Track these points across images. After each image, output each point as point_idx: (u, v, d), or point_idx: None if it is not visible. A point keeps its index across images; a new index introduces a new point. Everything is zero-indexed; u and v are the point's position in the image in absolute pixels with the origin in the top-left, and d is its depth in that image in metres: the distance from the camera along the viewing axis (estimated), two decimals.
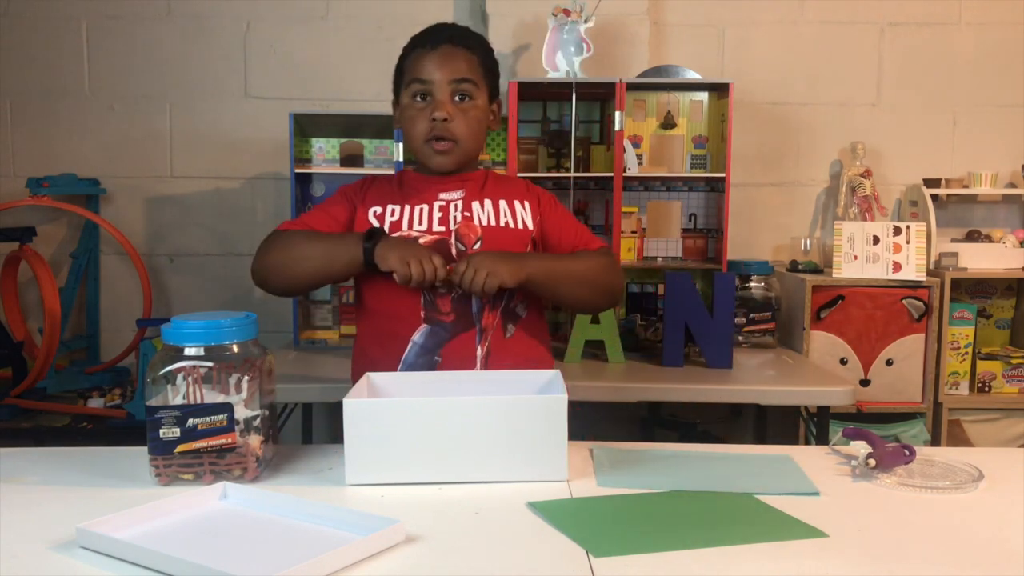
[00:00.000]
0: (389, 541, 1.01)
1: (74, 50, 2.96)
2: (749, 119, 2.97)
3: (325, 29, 2.98)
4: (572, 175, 2.75)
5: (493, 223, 1.58)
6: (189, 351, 1.23)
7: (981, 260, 2.85)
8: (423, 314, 1.54)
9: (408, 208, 1.58)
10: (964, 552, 1.02)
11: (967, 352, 2.82)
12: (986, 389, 2.83)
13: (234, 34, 2.97)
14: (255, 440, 1.26)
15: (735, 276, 2.55)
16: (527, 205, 1.63)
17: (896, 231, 2.74)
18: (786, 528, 1.08)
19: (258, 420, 1.26)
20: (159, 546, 0.97)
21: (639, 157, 2.83)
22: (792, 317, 2.79)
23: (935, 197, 2.89)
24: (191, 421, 1.21)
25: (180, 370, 1.22)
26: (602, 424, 2.73)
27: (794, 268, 2.87)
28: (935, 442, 2.74)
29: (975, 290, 3.01)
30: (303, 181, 2.77)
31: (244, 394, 1.25)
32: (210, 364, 1.23)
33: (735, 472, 1.31)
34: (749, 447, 1.47)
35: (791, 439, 2.70)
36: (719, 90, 2.78)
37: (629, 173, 2.71)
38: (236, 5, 2.96)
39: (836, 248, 2.74)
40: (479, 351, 1.54)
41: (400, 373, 1.50)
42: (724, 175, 2.69)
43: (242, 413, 1.24)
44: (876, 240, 2.73)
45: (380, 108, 2.59)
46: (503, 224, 1.59)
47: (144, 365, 2.43)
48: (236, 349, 1.26)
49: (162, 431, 1.21)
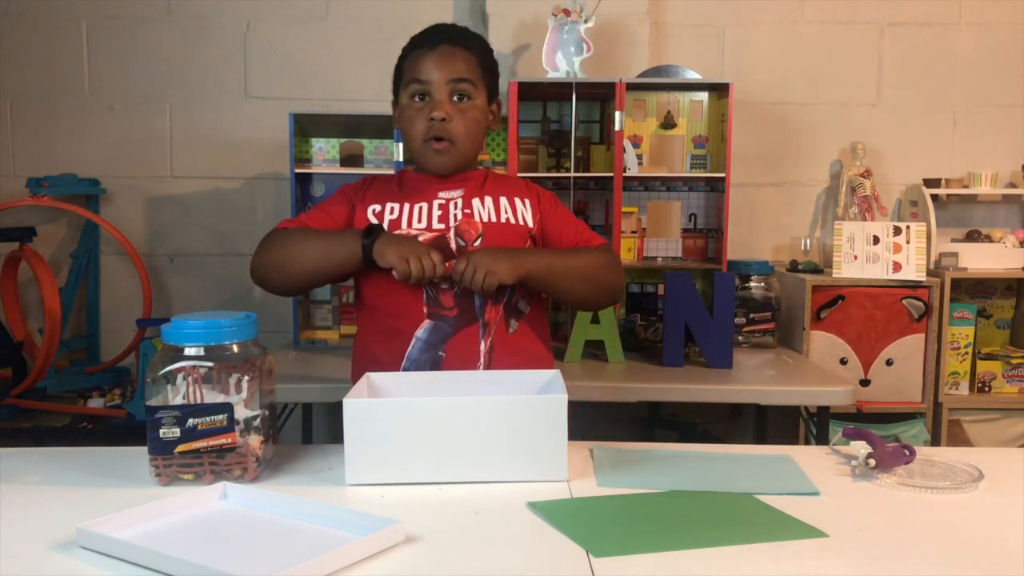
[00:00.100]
0: (389, 541, 1.01)
1: (74, 50, 2.96)
2: (749, 119, 2.97)
3: (325, 29, 2.98)
4: (572, 175, 2.75)
5: (494, 219, 1.58)
6: (189, 351, 1.23)
7: (981, 260, 2.85)
8: (426, 309, 1.54)
9: (407, 206, 1.58)
10: (964, 552, 1.02)
11: (967, 352, 2.82)
12: (986, 389, 2.83)
13: (234, 34, 2.97)
14: (255, 440, 1.26)
15: (735, 276, 2.55)
16: (527, 203, 1.63)
17: (896, 231, 2.73)
18: (786, 528, 1.08)
19: (258, 420, 1.26)
20: (159, 546, 0.97)
21: (639, 157, 2.83)
22: (792, 317, 2.79)
23: (935, 197, 2.89)
24: (191, 421, 1.21)
25: (180, 370, 1.22)
26: (602, 424, 2.73)
27: (794, 268, 2.87)
28: (935, 442, 2.74)
29: (975, 290, 3.01)
30: (303, 181, 2.78)
31: (244, 394, 1.25)
32: (210, 364, 1.23)
33: (735, 472, 1.31)
34: (749, 447, 1.47)
35: (791, 439, 2.70)
36: (719, 90, 2.78)
37: (629, 173, 2.71)
38: (236, 5, 2.96)
39: (836, 248, 2.74)
40: (482, 346, 1.54)
41: (400, 373, 1.50)
42: (724, 175, 2.69)
43: (242, 413, 1.24)
44: (876, 240, 2.73)
45: (380, 108, 2.59)
46: (503, 220, 1.59)
47: (144, 365, 2.43)
48: (236, 349, 1.26)
49: (162, 431, 1.21)
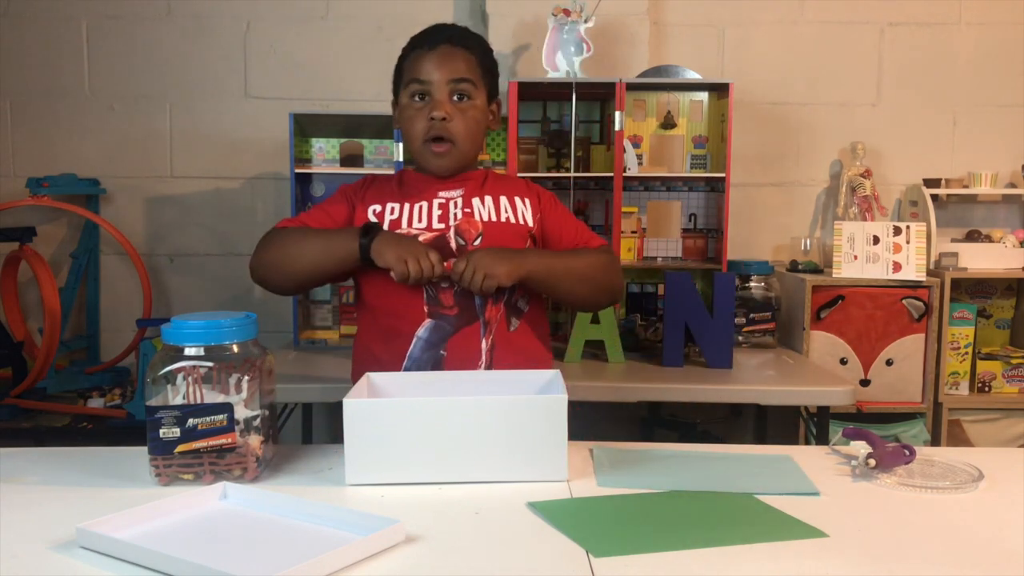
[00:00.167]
0: (389, 541, 1.01)
1: (74, 50, 2.96)
2: (749, 119, 2.97)
3: (325, 29, 2.98)
4: (572, 175, 2.75)
5: (494, 218, 1.58)
6: (189, 351, 1.23)
7: (981, 260, 2.85)
8: (426, 308, 1.54)
9: (407, 206, 1.58)
10: (964, 552, 1.02)
11: (967, 352, 2.82)
12: (986, 389, 2.83)
13: (234, 34, 2.97)
14: (255, 440, 1.26)
15: (735, 276, 2.55)
16: (527, 202, 1.63)
17: (896, 231, 2.73)
18: (786, 528, 1.08)
19: (258, 420, 1.26)
20: (159, 546, 0.97)
21: (639, 157, 2.83)
22: (792, 317, 2.79)
23: (935, 197, 2.89)
24: (191, 421, 1.21)
25: (180, 370, 1.22)
26: (602, 424, 2.73)
27: (794, 268, 2.87)
28: (935, 442, 2.74)
29: (975, 290, 3.01)
30: (303, 181, 2.78)
31: (244, 394, 1.25)
32: (210, 364, 1.23)
33: (735, 472, 1.31)
34: (749, 447, 1.47)
35: (791, 439, 2.70)
36: (719, 90, 2.78)
37: (629, 173, 2.71)
38: (236, 5, 2.96)
39: (836, 248, 2.74)
40: (484, 344, 1.54)
41: (400, 373, 1.50)
42: (724, 175, 2.69)
43: (242, 413, 1.24)
44: (876, 240, 2.73)
45: (380, 108, 2.59)
46: (504, 219, 1.59)
47: (144, 365, 2.43)
48: (236, 349, 1.26)
49: (162, 431, 1.21)
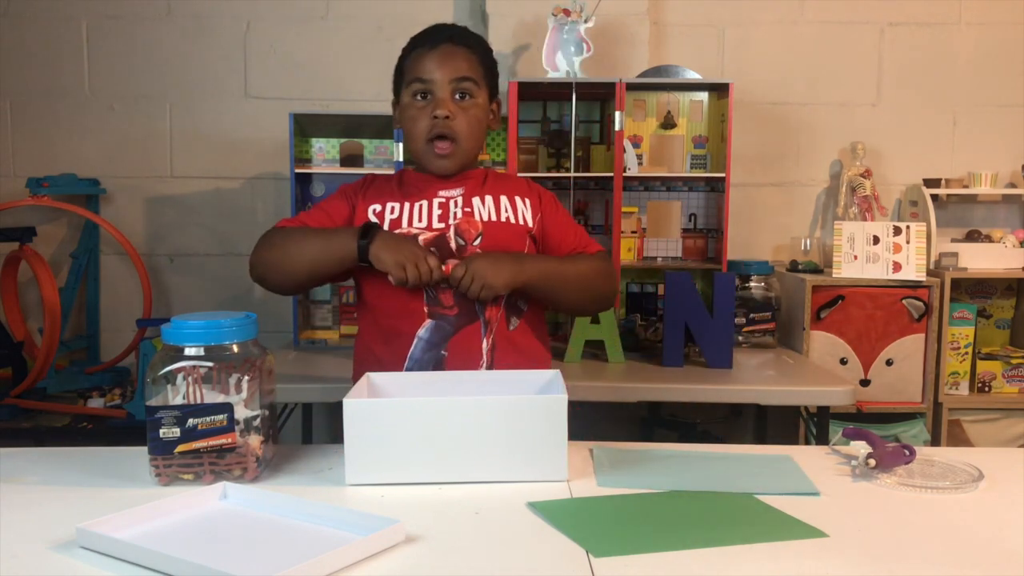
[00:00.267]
0: (389, 541, 1.01)
1: (74, 50, 2.96)
2: (749, 119, 2.97)
3: (325, 29, 2.98)
4: (572, 175, 2.75)
5: (494, 218, 1.59)
6: (189, 351, 1.23)
7: (981, 260, 2.85)
8: (426, 309, 1.54)
9: (407, 205, 1.58)
10: (964, 552, 1.02)
11: (967, 352, 2.82)
12: (986, 389, 2.83)
13: (234, 34, 2.97)
14: (255, 440, 1.26)
15: (735, 276, 2.55)
16: (528, 202, 1.63)
17: (896, 231, 2.73)
18: (786, 528, 1.08)
19: (258, 420, 1.26)
20: (159, 546, 0.97)
21: (639, 157, 2.83)
22: (792, 317, 2.79)
23: (935, 197, 2.89)
24: (191, 421, 1.21)
25: (180, 370, 1.22)
26: (602, 424, 2.73)
27: (794, 268, 2.87)
28: (935, 442, 2.74)
29: (975, 290, 3.01)
30: (303, 181, 2.78)
31: (244, 394, 1.25)
32: (210, 364, 1.23)
33: (735, 472, 1.31)
34: (749, 447, 1.47)
35: (791, 439, 2.70)
36: (719, 90, 2.78)
37: (629, 173, 2.71)
38: (236, 5, 2.96)
39: (836, 248, 2.74)
40: (484, 344, 1.55)
41: (400, 373, 1.50)
42: (724, 175, 2.69)
43: (242, 413, 1.24)
44: (876, 240, 2.73)
45: (380, 108, 2.59)
46: (504, 219, 1.59)
47: (144, 365, 2.43)
48: (236, 349, 1.26)
49: (162, 431, 1.21)
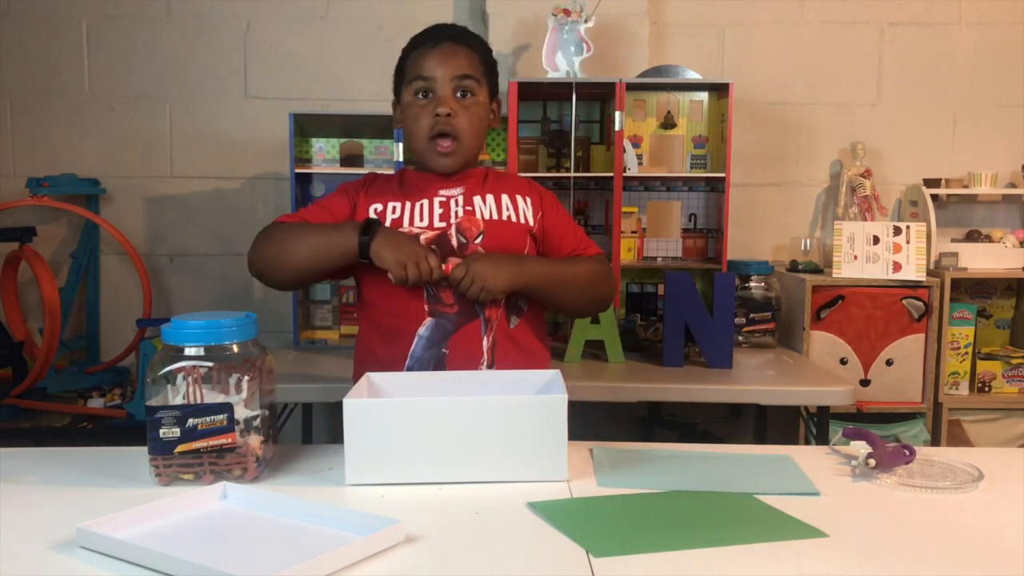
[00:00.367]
0: (389, 541, 1.01)
1: (74, 50, 2.96)
2: (749, 119, 2.97)
3: (325, 29, 2.98)
4: (572, 175, 2.75)
5: (495, 217, 1.59)
6: (189, 351, 1.23)
7: (981, 260, 2.85)
8: (427, 307, 1.54)
9: (408, 205, 1.59)
10: (964, 552, 1.02)
11: (967, 352, 2.82)
12: (986, 389, 2.83)
13: (234, 34, 2.97)
14: (255, 440, 1.26)
15: (735, 276, 2.55)
16: (528, 201, 1.64)
17: (896, 231, 2.73)
18: (786, 528, 1.08)
19: (258, 420, 1.26)
20: (159, 546, 0.97)
21: (639, 157, 2.83)
22: (792, 317, 2.79)
23: (935, 197, 2.89)
24: (191, 421, 1.21)
25: (180, 370, 1.22)
26: (602, 424, 2.73)
27: (794, 268, 2.87)
28: (935, 442, 2.74)
29: (975, 290, 3.01)
30: (303, 181, 2.77)
31: (244, 394, 1.25)
32: (210, 364, 1.23)
33: (735, 472, 1.31)
34: (749, 447, 1.47)
35: (791, 439, 2.70)
36: (719, 90, 2.78)
37: (629, 173, 2.71)
38: (236, 5, 2.96)
39: (836, 248, 2.74)
40: (485, 341, 1.55)
41: (400, 373, 1.50)
42: (724, 175, 2.69)
43: (242, 413, 1.24)
44: (876, 240, 2.73)
45: (380, 108, 2.59)
46: (505, 218, 1.59)
47: (144, 365, 2.43)
48: (236, 349, 1.26)
49: (162, 431, 1.21)
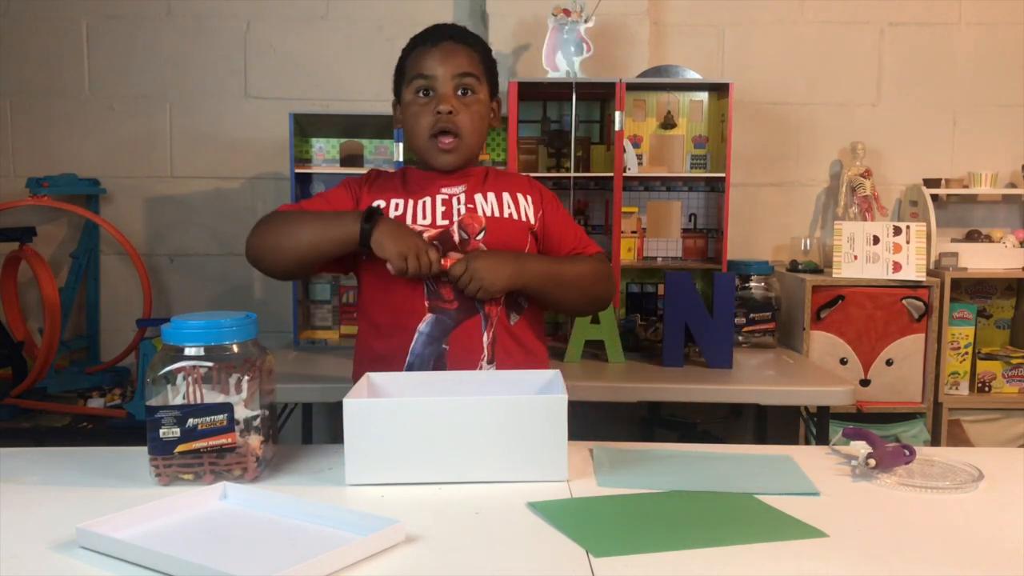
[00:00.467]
0: (389, 541, 1.01)
1: (74, 50, 2.96)
2: (749, 119, 2.97)
3: (325, 29, 2.98)
4: (572, 175, 2.75)
5: (497, 215, 1.60)
6: (189, 351, 1.23)
7: (981, 260, 2.85)
8: (427, 303, 1.55)
9: (411, 202, 1.59)
10: (964, 552, 1.02)
11: (967, 352, 2.82)
12: (986, 389, 2.83)
13: (234, 34, 2.97)
14: (255, 440, 1.26)
15: (735, 276, 2.55)
16: (529, 199, 1.64)
17: (896, 231, 2.73)
18: (786, 528, 1.08)
19: (258, 420, 1.26)
20: (159, 546, 0.97)
21: (639, 157, 2.83)
22: (792, 317, 2.79)
23: (935, 197, 2.89)
24: (191, 421, 1.21)
25: (180, 370, 1.22)
26: (602, 424, 2.73)
27: (794, 268, 2.87)
28: (935, 442, 2.74)
29: (975, 290, 3.01)
30: (303, 181, 2.77)
31: (244, 394, 1.25)
32: (210, 364, 1.23)
33: (735, 472, 1.31)
34: (749, 447, 1.47)
35: (791, 439, 2.70)
36: (719, 90, 2.78)
37: (629, 173, 2.71)
38: (236, 5, 2.96)
39: (836, 248, 2.74)
40: (485, 338, 1.55)
41: (400, 373, 1.50)
42: (724, 175, 2.69)
43: (242, 413, 1.24)
44: (876, 240, 2.73)
45: (380, 108, 2.59)
46: (506, 216, 1.60)
47: (144, 365, 2.43)
48: (236, 349, 1.26)
49: (162, 431, 1.21)
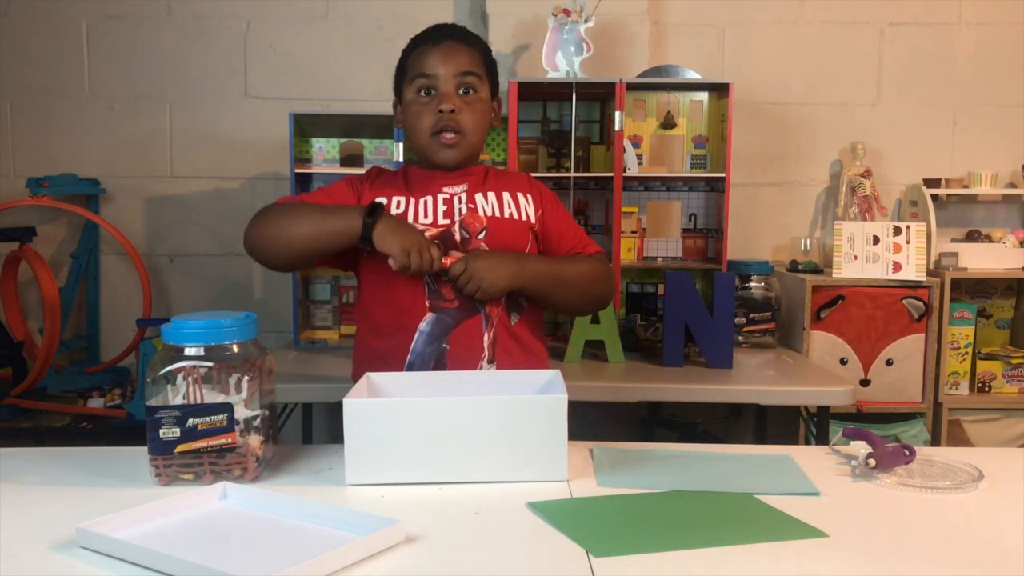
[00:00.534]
0: (389, 541, 1.01)
1: (74, 50, 2.96)
2: (749, 119, 2.97)
3: (325, 29, 2.98)
4: (572, 175, 2.75)
5: (497, 214, 1.60)
6: (189, 351, 1.23)
7: (981, 260, 2.85)
8: (427, 302, 1.55)
9: (413, 201, 1.59)
10: (964, 552, 1.02)
11: (967, 352, 2.82)
12: (986, 389, 2.83)
13: (234, 34, 2.97)
14: (255, 440, 1.26)
15: (735, 276, 2.55)
16: (530, 199, 1.65)
17: (896, 231, 2.73)
18: (786, 528, 1.08)
19: (258, 420, 1.26)
20: (159, 546, 0.97)
21: (639, 157, 2.83)
22: (792, 317, 2.79)
23: (935, 197, 2.89)
24: (191, 421, 1.21)
25: (180, 370, 1.22)
26: (602, 424, 2.73)
27: (794, 268, 2.87)
28: (935, 442, 2.74)
29: (975, 290, 3.01)
30: (303, 181, 2.77)
31: (244, 394, 1.25)
32: (210, 364, 1.23)
33: (735, 472, 1.31)
34: (749, 447, 1.47)
35: (791, 439, 2.70)
36: (719, 90, 2.78)
37: (629, 173, 2.71)
38: (236, 5, 2.96)
39: (836, 248, 2.74)
40: (486, 337, 1.55)
41: (400, 373, 1.50)
42: (724, 175, 2.69)
43: (242, 413, 1.24)
44: (876, 240, 2.73)
45: (380, 108, 2.59)
46: (507, 215, 1.61)
47: (144, 365, 2.43)
48: (236, 349, 1.26)
49: (162, 431, 1.21)
